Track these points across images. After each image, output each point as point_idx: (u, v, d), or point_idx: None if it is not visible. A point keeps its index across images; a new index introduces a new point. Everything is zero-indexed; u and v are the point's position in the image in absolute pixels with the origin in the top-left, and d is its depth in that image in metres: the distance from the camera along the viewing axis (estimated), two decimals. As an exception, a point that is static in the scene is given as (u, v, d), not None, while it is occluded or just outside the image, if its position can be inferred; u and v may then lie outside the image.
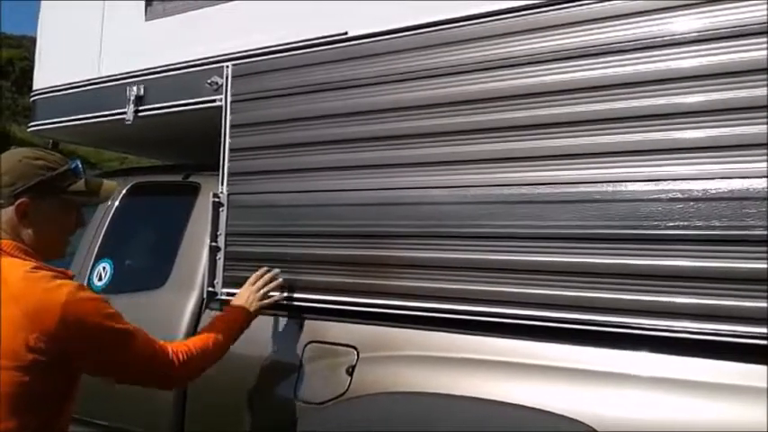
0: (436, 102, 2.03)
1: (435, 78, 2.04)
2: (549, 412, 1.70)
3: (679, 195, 1.65)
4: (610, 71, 1.76)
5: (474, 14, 2.00)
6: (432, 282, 1.99)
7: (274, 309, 2.30)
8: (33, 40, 3.70)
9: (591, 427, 1.64)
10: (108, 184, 1.84)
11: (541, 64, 1.86)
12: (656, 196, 1.68)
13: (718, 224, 1.60)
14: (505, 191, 1.89)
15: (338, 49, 2.27)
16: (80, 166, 1.76)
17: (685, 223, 1.64)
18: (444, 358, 1.95)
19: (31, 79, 3.55)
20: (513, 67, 1.90)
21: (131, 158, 8.90)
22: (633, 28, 1.74)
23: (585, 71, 1.79)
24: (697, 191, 1.63)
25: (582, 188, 1.78)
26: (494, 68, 1.94)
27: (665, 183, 1.67)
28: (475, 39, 1.99)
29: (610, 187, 1.74)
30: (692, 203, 1.64)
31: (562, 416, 1.68)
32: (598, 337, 1.73)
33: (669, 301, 1.64)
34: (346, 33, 2.27)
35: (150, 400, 2.48)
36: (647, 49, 1.71)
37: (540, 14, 1.88)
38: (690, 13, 1.68)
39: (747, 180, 1.58)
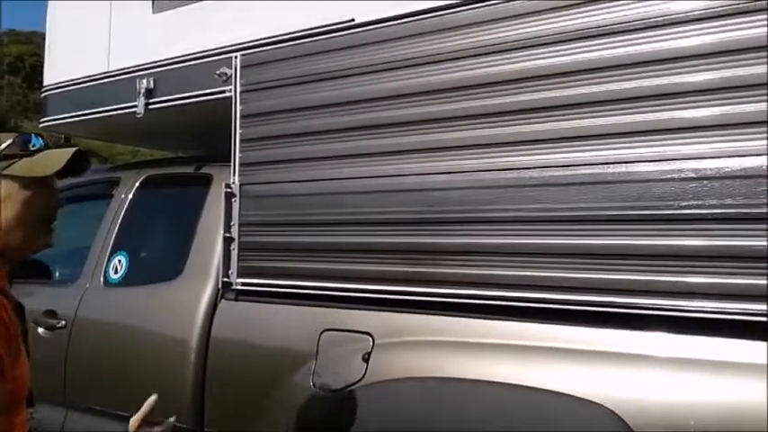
0: (446, 87, 2.03)
1: (445, 63, 2.04)
2: (567, 395, 1.71)
3: (692, 174, 1.64)
4: (620, 51, 1.74)
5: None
6: (444, 267, 2.00)
7: (289, 298, 2.31)
8: (43, 36, 3.71)
9: (611, 410, 1.64)
10: (53, 153, 1.51)
11: (550, 45, 1.85)
12: (668, 176, 1.67)
13: (731, 202, 1.59)
14: (516, 174, 1.89)
15: (346, 36, 2.27)
16: (33, 139, 1.50)
17: (699, 202, 1.63)
18: (459, 343, 1.96)
19: (41, 75, 3.57)
20: (523, 49, 1.89)
21: (143, 151, 8.94)
22: (641, 7, 1.73)
23: (595, 51, 1.78)
24: (710, 169, 1.62)
25: (593, 170, 1.77)
26: (503, 51, 1.92)
27: (677, 162, 1.66)
28: (483, 22, 1.97)
29: (622, 168, 1.73)
30: (704, 182, 1.63)
31: (582, 399, 1.69)
32: (613, 318, 1.73)
33: (684, 281, 1.64)
34: (353, 20, 2.27)
35: (170, 389, 2.51)
36: (657, 28, 1.70)
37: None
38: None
39: (760, 158, 1.56)
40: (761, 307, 1.54)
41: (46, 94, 3.40)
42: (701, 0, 1.65)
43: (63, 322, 2.92)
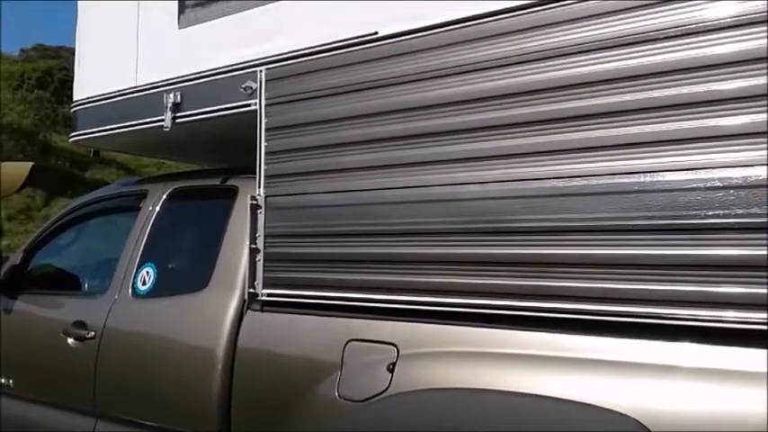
0: (469, 98, 2.03)
1: (468, 74, 2.04)
2: (593, 406, 1.70)
3: (718, 184, 1.63)
4: (646, 60, 1.74)
5: (503, 9, 1.99)
6: (470, 278, 2.00)
7: (315, 308, 2.33)
8: (71, 51, 3.80)
9: (637, 421, 1.63)
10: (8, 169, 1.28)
11: (576, 55, 1.85)
12: (694, 185, 1.66)
13: (759, 212, 1.58)
14: (542, 184, 1.89)
15: (369, 48, 2.29)
16: None
17: (725, 212, 1.62)
18: (484, 353, 1.95)
19: (69, 89, 3.64)
20: (547, 59, 1.89)
21: (169, 163, 9.04)
22: (667, 15, 1.72)
23: (621, 61, 1.78)
24: (736, 178, 1.61)
25: (619, 179, 1.76)
26: (528, 62, 1.93)
27: (703, 171, 1.65)
28: (505, 33, 1.98)
29: (647, 178, 1.73)
30: (731, 191, 1.61)
31: (609, 410, 1.68)
32: (641, 328, 1.72)
33: (711, 291, 1.63)
34: (377, 33, 2.29)
35: (197, 399, 2.54)
36: (683, 37, 1.69)
37: (572, 5, 1.87)
38: (725, -1, 1.65)
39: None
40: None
41: (75, 108, 3.47)
42: (732, 7, 1.64)
43: (92, 333, 2.96)
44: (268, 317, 2.47)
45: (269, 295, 2.46)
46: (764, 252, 1.56)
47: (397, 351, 2.09)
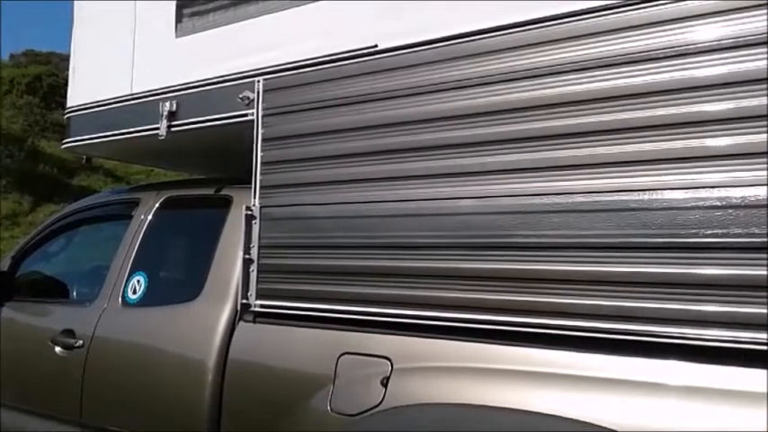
0: (466, 112, 2.04)
1: (465, 89, 2.05)
2: (584, 422, 1.70)
3: (717, 203, 1.64)
4: (647, 79, 1.75)
5: (502, 25, 2.01)
6: (465, 292, 1.99)
7: (308, 320, 2.32)
8: (61, 57, 3.79)
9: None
10: None
11: (574, 73, 1.86)
12: (693, 204, 1.67)
13: (757, 231, 1.59)
14: (538, 200, 1.89)
15: (367, 62, 2.29)
16: None
17: (724, 231, 1.63)
18: (478, 369, 1.95)
19: (58, 95, 3.64)
20: (545, 76, 1.90)
21: (158, 171, 9.01)
22: (668, 35, 1.74)
23: (621, 79, 1.79)
24: (735, 198, 1.62)
25: (618, 197, 1.77)
26: (526, 78, 1.94)
27: (702, 191, 1.66)
28: (503, 50, 1.99)
29: (646, 196, 1.73)
30: (730, 211, 1.62)
31: (598, 425, 1.68)
32: (635, 346, 1.72)
33: (707, 310, 1.63)
34: (376, 46, 2.30)
35: (187, 410, 2.52)
36: (683, 57, 1.71)
37: (577, 23, 1.88)
38: (725, 19, 1.67)
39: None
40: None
41: (69, 115, 3.45)
42: (732, 27, 1.66)
43: (80, 342, 2.93)
44: (260, 328, 2.45)
45: (262, 306, 2.44)
46: (762, 272, 1.57)
47: (391, 365, 2.07)
